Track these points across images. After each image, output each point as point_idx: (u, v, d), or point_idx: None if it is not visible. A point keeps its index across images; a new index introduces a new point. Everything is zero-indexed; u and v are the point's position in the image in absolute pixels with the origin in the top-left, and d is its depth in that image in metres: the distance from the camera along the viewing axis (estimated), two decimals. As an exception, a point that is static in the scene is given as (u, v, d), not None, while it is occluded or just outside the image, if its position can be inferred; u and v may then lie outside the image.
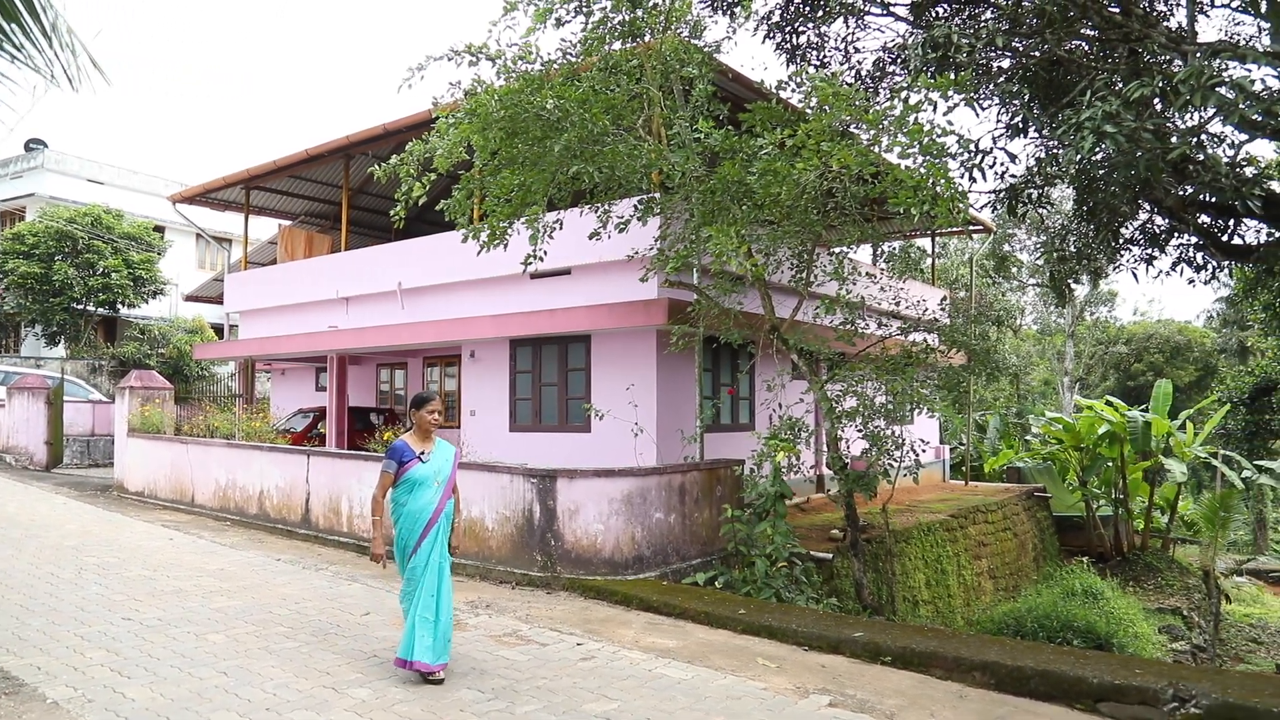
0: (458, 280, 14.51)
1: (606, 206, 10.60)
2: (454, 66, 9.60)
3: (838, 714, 5.53)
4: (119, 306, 28.16)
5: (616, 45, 10.03)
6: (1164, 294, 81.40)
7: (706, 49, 10.29)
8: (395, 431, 14.34)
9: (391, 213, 10.32)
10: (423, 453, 6.13)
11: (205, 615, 7.58)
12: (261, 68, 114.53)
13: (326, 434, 17.42)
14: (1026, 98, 10.55)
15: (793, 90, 9.75)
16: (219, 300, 22.81)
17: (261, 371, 25.08)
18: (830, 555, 10.89)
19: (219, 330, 29.46)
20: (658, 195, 10.47)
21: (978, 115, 10.42)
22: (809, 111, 9.00)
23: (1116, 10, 9.53)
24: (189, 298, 26.63)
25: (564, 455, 12.50)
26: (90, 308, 27.49)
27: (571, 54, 10.08)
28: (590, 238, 10.80)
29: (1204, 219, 11.65)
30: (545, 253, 10.61)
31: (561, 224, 10.89)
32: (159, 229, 30.79)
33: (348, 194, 17.81)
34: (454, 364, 18.10)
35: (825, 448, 10.69)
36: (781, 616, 7.68)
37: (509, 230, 10.46)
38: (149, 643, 6.67)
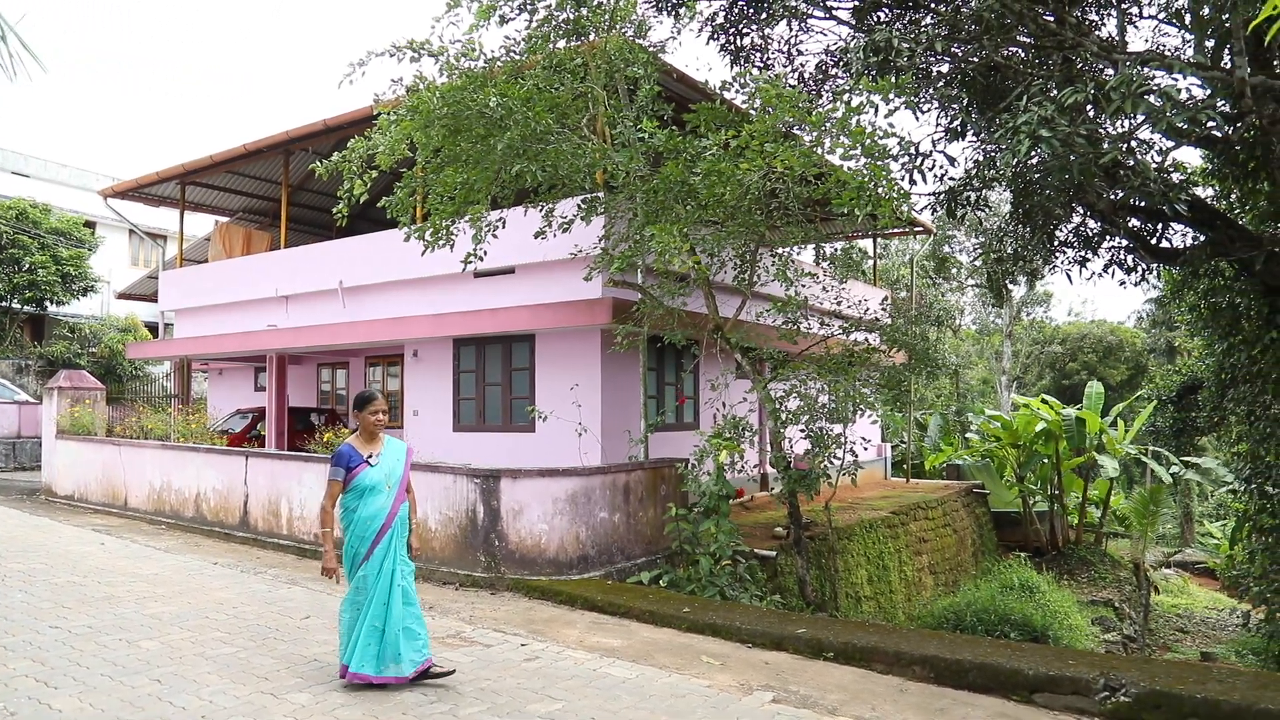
0: (400, 279, 14.33)
1: (551, 205, 10.55)
2: (396, 62, 9.45)
3: (780, 710, 5.57)
4: (46, 304, 27.27)
5: (561, 44, 9.99)
6: (1097, 295, 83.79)
7: (651, 49, 10.29)
8: (337, 432, 14.12)
9: (333, 210, 10.16)
10: (370, 456, 5.82)
11: (138, 622, 7.36)
12: (198, 60, 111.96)
13: (266, 435, 17.09)
14: (965, 102, 10.75)
15: (737, 91, 9.80)
16: (153, 298, 22.24)
17: (198, 371, 24.52)
18: (774, 553, 10.98)
19: (154, 329, 28.73)
20: (602, 195, 10.46)
21: (918, 118, 10.60)
22: (753, 113, 9.05)
23: (1051, 19, 9.75)
24: (122, 295, 25.90)
25: (508, 455, 12.42)
26: (15, 305, 26.59)
27: (515, 52, 10.00)
28: (536, 237, 10.74)
29: (1134, 222, 11.97)
30: (486, 252, 10.54)
31: (505, 223, 10.81)
32: (90, 224, 29.88)
33: (287, 191, 17.49)
34: (396, 363, 17.89)
35: (769, 447, 10.78)
36: (725, 614, 7.72)
37: (453, 229, 10.36)
38: (78, 651, 6.46)
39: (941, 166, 10.27)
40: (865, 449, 11.66)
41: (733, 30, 12.13)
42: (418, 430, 14.48)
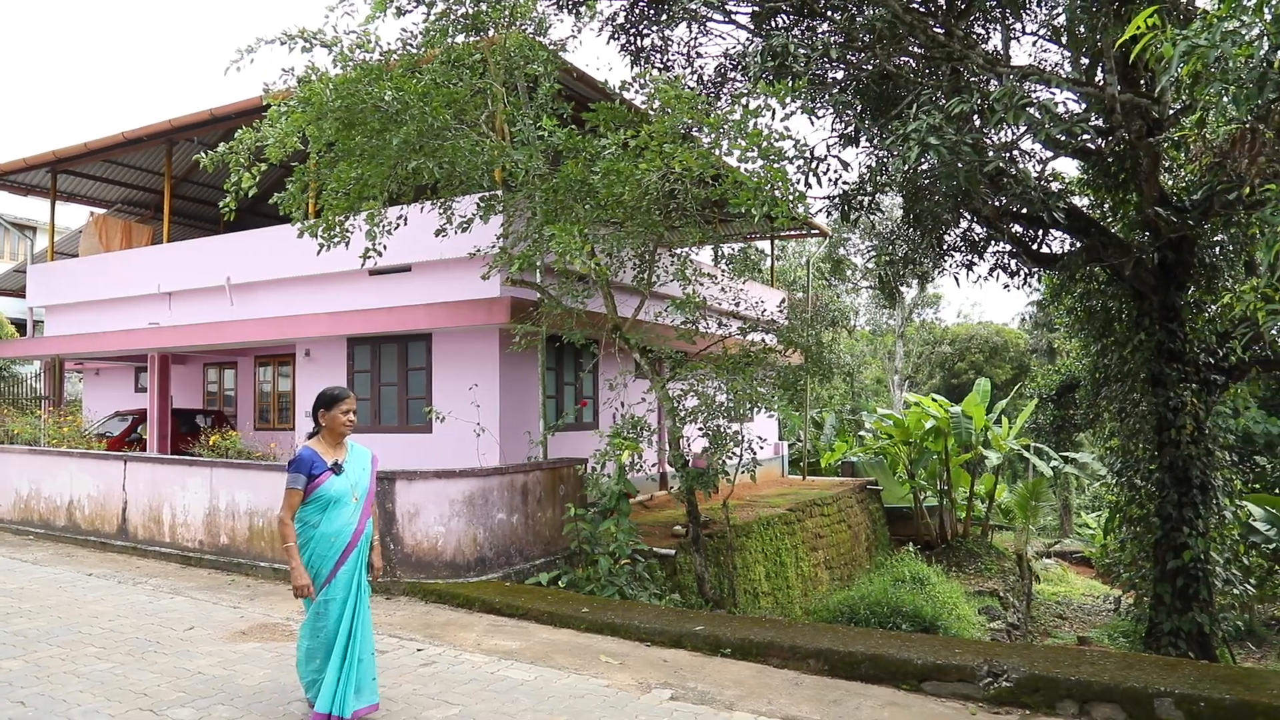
0: (292, 276, 13.88)
1: (449, 203, 10.39)
2: (287, 51, 9.17)
3: (678, 707, 5.60)
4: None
5: (459, 38, 9.84)
6: (984, 298, 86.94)
7: (552, 47, 10.23)
8: (224, 435, 13.61)
9: (221, 204, 9.77)
10: (336, 463, 5.08)
11: (0, 640, 6.94)
12: (76, 44, 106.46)
13: (147, 438, 16.35)
14: (859, 109, 11.03)
15: (636, 92, 9.83)
16: (21, 293, 21.01)
17: (72, 371, 23.25)
18: (673, 551, 11.05)
19: (21, 326, 27.11)
20: (500, 193, 10.34)
21: (813, 123, 10.81)
22: (652, 113, 9.09)
23: (940, 31, 10.08)
24: (-13, 290, 24.41)
25: (404, 456, 12.15)
26: None
27: (412, 45, 9.80)
28: (436, 235, 10.56)
29: (1017, 229, 12.49)
30: (385, 247, 10.31)
31: (406, 220, 10.61)
32: (-52, 214, 28.08)
33: (170, 182, 16.75)
34: (288, 363, 17.32)
35: (667, 446, 10.84)
36: (624, 613, 7.73)
37: (348, 226, 10.10)
38: (-72, 674, 6.05)
39: (836, 171, 10.53)
40: (762, 447, 11.83)
41: (633, 31, 12.18)
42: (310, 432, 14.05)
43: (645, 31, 12.17)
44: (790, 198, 8.31)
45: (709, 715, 5.47)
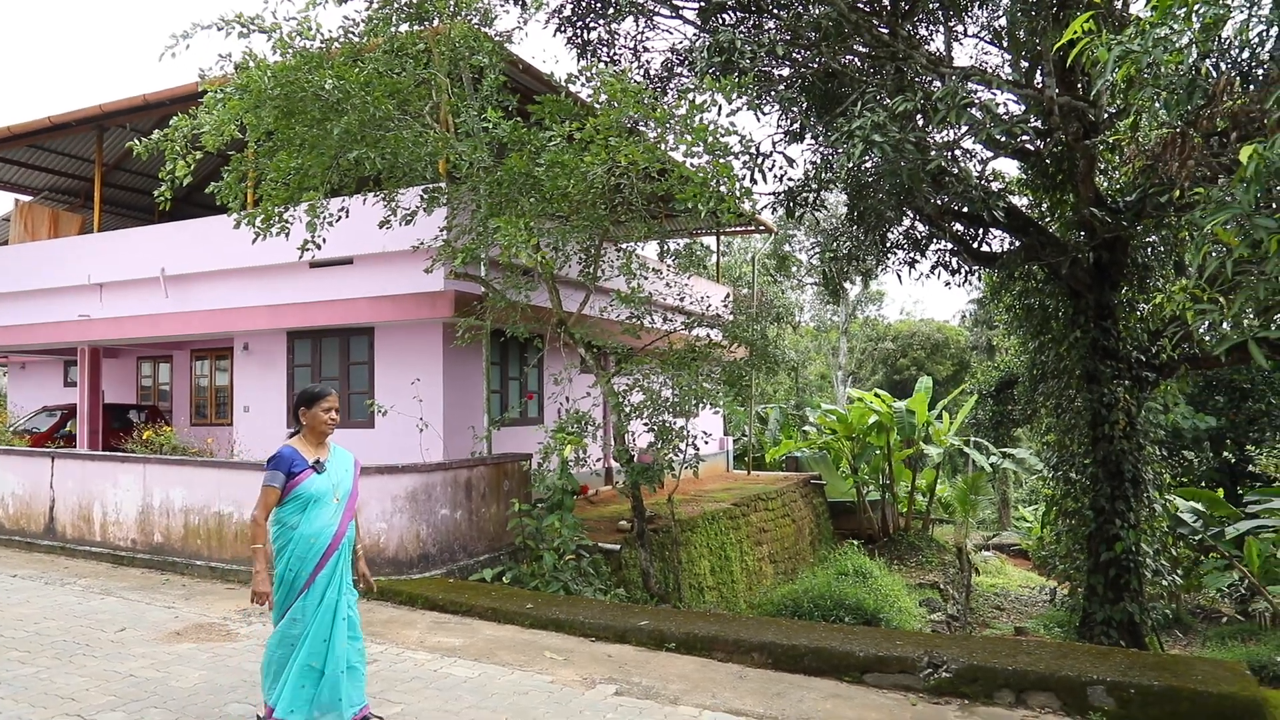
0: (230, 267, 13.54)
1: (392, 195, 10.23)
2: (224, 37, 8.92)
3: (623, 702, 5.60)
4: None
5: (404, 27, 9.69)
6: (926, 295, 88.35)
7: (497, 38, 10.13)
8: (158, 430, 13.26)
9: (155, 193, 9.49)
10: (317, 461, 4.85)
11: (-84, 643, 6.68)
12: (3, 28, 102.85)
13: (77, 434, 15.86)
14: (804, 106, 11.09)
15: (582, 85, 9.76)
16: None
17: (-1, 365, 22.50)
18: (618, 546, 11.03)
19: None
20: (444, 185, 10.22)
21: (759, 120, 10.87)
22: (598, 107, 9.04)
23: (885, 31, 10.19)
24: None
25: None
26: None
27: (354, 33, 9.63)
28: (380, 227, 10.39)
29: (958, 227, 12.69)
30: (325, 240, 10.12)
31: (348, 212, 10.41)
32: None
33: (101, 169, 16.22)
34: (225, 357, 16.94)
35: (613, 441, 10.81)
36: (569, 609, 7.72)
37: (288, 217, 9.88)
38: None
39: (781, 167, 10.58)
40: (707, 442, 11.85)
41: (580, 24, 12.10)
42: (249, 428, 13.78)
43: (592, 25, 12.10)
44: (736, 193, 8.33)
45: (654, 710, 5.47)
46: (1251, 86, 7.34)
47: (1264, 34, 8.08)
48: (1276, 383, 18.54)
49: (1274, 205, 4.71)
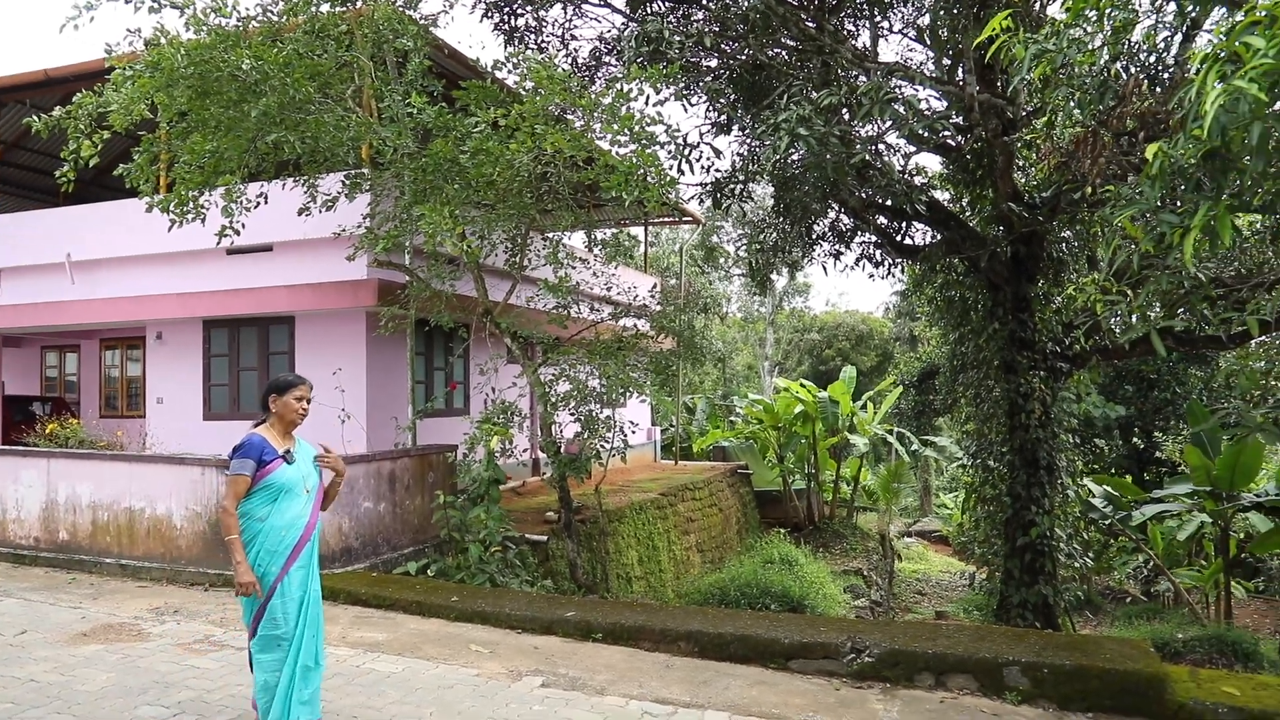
0: (142, 253, 13.04)
1: (313, 180, 9.97)
2: (133, 11, 8.54)
3: (549, 694, 5.57)
4: None
5: (325, 8, 9.41)
6: (851, 287, 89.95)
7: (423, 21, 9.91)
8: (63, 423, 12.75)
9: (58, 173, 9.06)
10: (288, 451, 4.66)
11: None
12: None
13: (-25, 427, 15.18)
14: (732, 97, 11.15)
15: (509, 71, 9.65)
16: None
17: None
18: (545, 537, 10.98)
19: None
20: (367, 171, 10.00)
21: (687, 110, 10.91)
22: (524, 94, 8.94)
23: (812, 25, 10.28)
24: None
25: (265, 445, 11.67)
26: None
27: (273, 11, 9.32)
28: (300, 214, 10.12)
29: (882, 220, 12.91)
30: (243, 226, 9.81)
31: (267, 197, 10.11)
32: None
33: None
34: (137, 346, 16.33)
35: (539, 431, 10.75)
36: (495, 601, 7.65)
37: (203, 201, 9.55)
38: None
39: (708, 158, 10.61)
40: (634, 432, 11.89)
41: (507, 10, 11.97)
42: (162, 419, 13.34)
43: (519, 11, 11.98)
44: (662, 183, 8.33)
45: (580, 701, 5.45)
46: (1159, 89, 7.60)
47: (1169, 40, 8.38)
48: (1180, 373, 19.32)
49: (1178, 202, 4.87)
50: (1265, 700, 4.94)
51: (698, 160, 10.36)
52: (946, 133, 11.30)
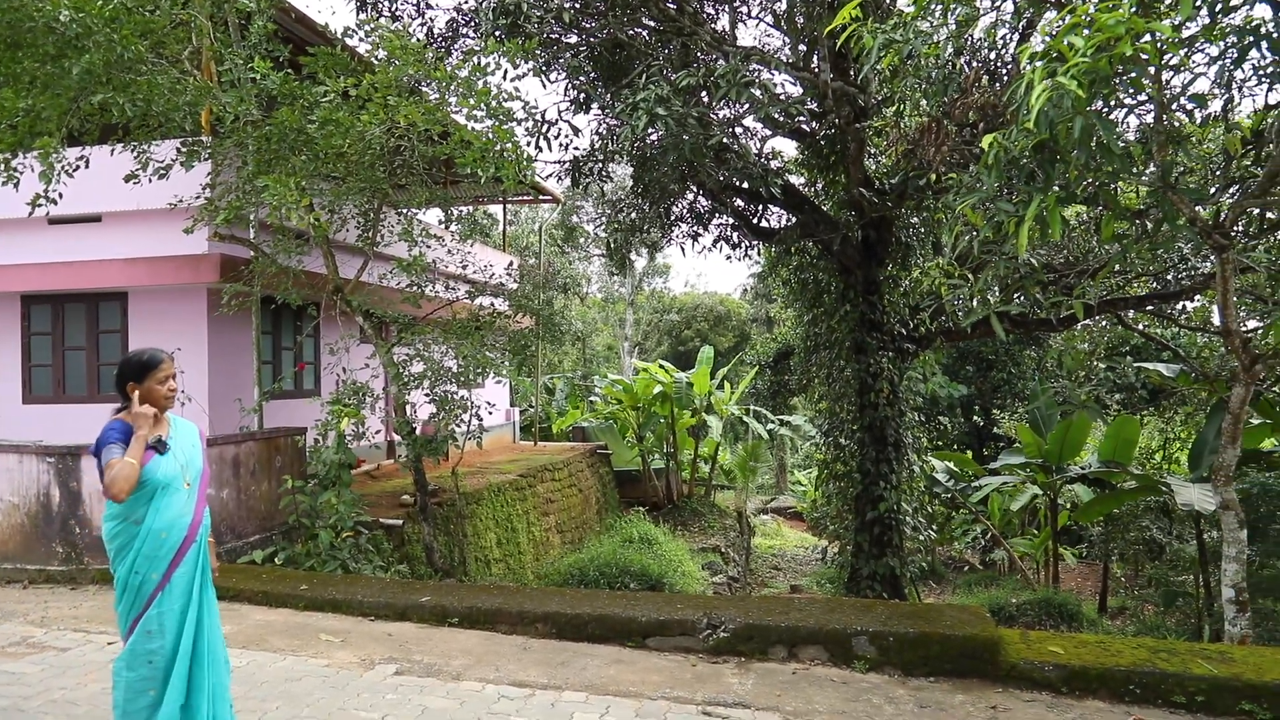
0: (-52, 222, 11.94)
1: (145, 146, 9.32)
2: (-68, -44, 7.75)
3: (404, 681, 5.44)
4: None
5: (158, -39, 8.79)
6: (709, 268, 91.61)
7: (267, -20, 9.40)
8: None
9: None
10: (159, 440, 3.87)
11: None
12: None
13: None
14: (591, 75, 11.07)
15: (361, 40, 9.27)
16: None
17: None
18: (400, 521, 10.71)
19: None
20: (206, 139, 9.42)
21: (545, 87, 10.75)
22: (376, 63, 8.60)
23: (672, 6, 10.30)
24: None
25: (94, 430, 10.88)
26: None
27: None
28: (127, 180, 9.43)
29: (739, 203, 13.13)
30: (61, 194, 9.07)
31: (88, 162, 9.36)
32: None
33: None
34: (-53, 324, 14.98)
35: (393, 413, 10.46)
36: (346, 588, 7.42)
37: (16, 164, 8.77)
38: None
39: (567, 136, 10.54)
40: (492, 413, 11.70)
41: (359, -26, 11.49)
42: (-25, 403, 12.27)
43: (373, -24, 11.53)
44: (519, 160, 8.18)
45: (435, 687, 5.34)
46: (998, 84, 7.99)
47: (1007, 37, 8.82)
48: (1016, 354, 20.56)
49: (1013, 192, 5.12)
50: (1084, 657, 5.32)
51: (556, 138, 10.27)
52: (801, 118, 11.58)
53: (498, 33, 9.08)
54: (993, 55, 8.76)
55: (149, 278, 10.88)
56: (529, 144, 9.47)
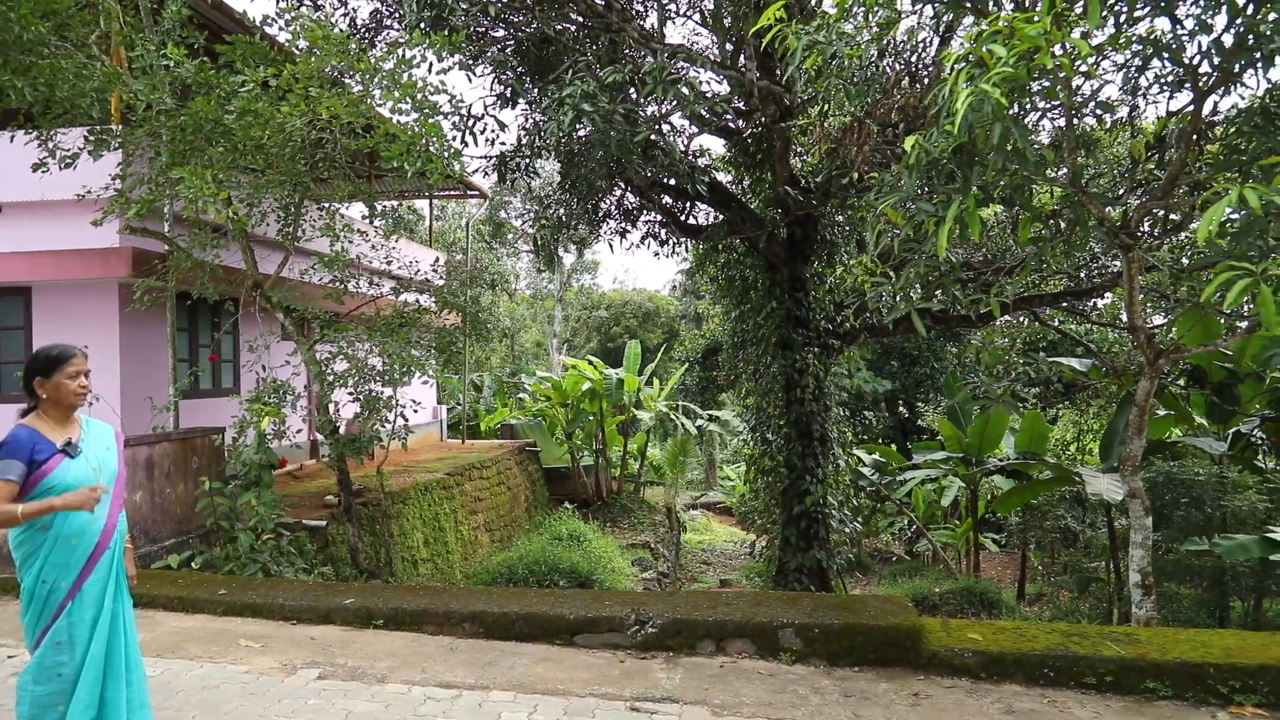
0: None
1: (50, 134, 8.94)
2: None
3: (327, 686, 5.33)
4: None
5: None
6: (637, 265, 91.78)
7: (180, -37, 9.10)
8: None
9: None
10: (69, 443, 3.71)
11: None
12: None
13: None
14: (518, 70, 10.98)
15: (281, 29, 9.02)
16: None
17: None
18: (324, 522, 10.50)
19: None
20: (116, 127, 9.09)
21: (471, 81, 10.63)
22: (297, 53, 8.39)
23: (600, 2, 10.27)
24: None
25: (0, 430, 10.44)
26: None
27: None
28: (34, 169, 9.04)
29: (667, 200, 13.17)
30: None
31: (-14, 149, 8.98)
32: None
33: None
34: None
35: (316, 412, 10.24)
36: (267, 592, 7.23)
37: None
38: None
39: (493, 130, 10.43)
40: (418, 411, 11.54)
41: (278, -38, 11.19)
42: None
43: (293, -36, 11.23)
44: (446, 155, 8.07)
45: (360, 691, 5.24)
46: (919, 85, 8.15)
47: (928, 40, 9.01)
48: (938, 350, 21.07)
49: (934, 192, 5.23)
50: (1002, 642, 5.49)
51: (483, 133, 10.16)
52: (728, 116, 11.66)
53: (422, 25, 8.94)
54: (914, 58, 8.94)
55: (55, 272, 10.45)
56: (456, 138, 9.36)
